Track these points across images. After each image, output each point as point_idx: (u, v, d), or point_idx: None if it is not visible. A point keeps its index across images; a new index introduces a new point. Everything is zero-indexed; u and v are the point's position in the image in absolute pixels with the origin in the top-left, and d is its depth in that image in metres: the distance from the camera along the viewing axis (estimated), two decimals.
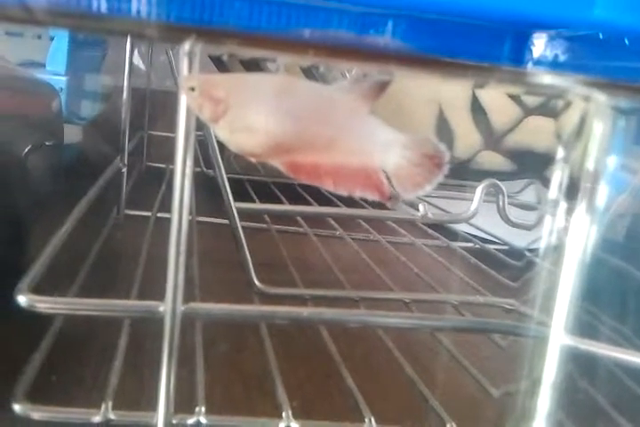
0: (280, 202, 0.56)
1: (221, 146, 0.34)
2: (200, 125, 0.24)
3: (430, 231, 0.55)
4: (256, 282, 0.37)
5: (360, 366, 0.31)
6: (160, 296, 0.22)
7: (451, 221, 0.44)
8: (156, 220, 0.48)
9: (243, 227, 0.36)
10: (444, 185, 0.60)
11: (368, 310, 0.32)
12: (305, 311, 0.26)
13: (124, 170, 0.52)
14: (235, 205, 0.36)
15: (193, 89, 0.19)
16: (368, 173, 0.19)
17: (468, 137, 0.58)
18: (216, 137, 0.29)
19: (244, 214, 0.37)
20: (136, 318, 0.26)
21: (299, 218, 0.52)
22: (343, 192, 0.20)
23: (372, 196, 0.20)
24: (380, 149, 0.19)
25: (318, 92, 0.20)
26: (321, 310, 0.27)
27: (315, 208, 0.47)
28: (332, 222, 0.53)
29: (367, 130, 0.20)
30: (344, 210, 0.44)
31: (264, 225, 0.51)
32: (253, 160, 0.20)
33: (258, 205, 0.43)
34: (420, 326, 0.28)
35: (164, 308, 0.21)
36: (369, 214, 0.44)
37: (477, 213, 0.38)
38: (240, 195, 0.37)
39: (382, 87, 0.20)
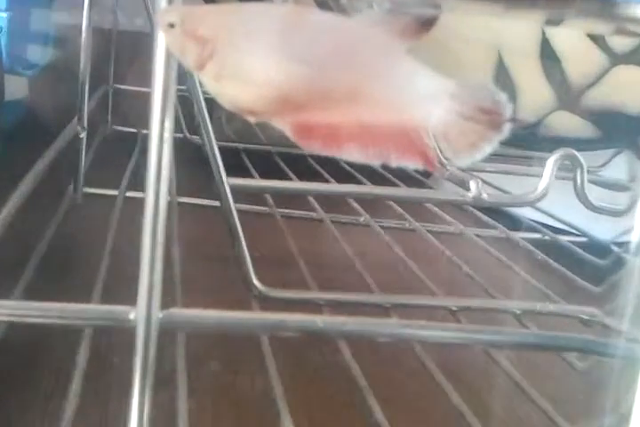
0: (287, 178, 0.56)
1: (211, 105, 0.33)
2: (182, 78, 0.24)
3: (485, 218, 0.54)
4: (255, 282, 0.36)
5: (392, 393, 0.31)
6: (131, 300, 0.22)
7: (512, 205, 0.43)
8: (125, 200, 0.48)
9: (239, 210, 0.36)
10: (505, 157, 0.61)
11: (402, 321, 0.32)
12: (319, 321, 0.26)
13: (83, 135, 0.52)
14: (228, 182, 0.35)
15: (173, 25, 0.19)
16: (407, 132, 0.19)
17: (535, 93, 0.57)
18: (203, 90, 0.30)
19: (241, 194, 0.37)
20: (100, 327, 0.26)
21: (311, 199, 0.52)
22: (373, 160, 0.20)
23: (413, 163, 0.20)
24: (423, 101, 0.19)
25: (338, 28, 0.20)
26: (340, 319, 0.27)
27: (332, 186, 0.46)
28: (355, 205, 0.52)
29: (404, 76, 0.19)
30: (371, 189, 0.43)
31: (266, 208, 0.51)
32: (252, 120, 0.20)
33: (258, 182, 0.42)
34: (471, 342, 0.28)
35: (136, 315, 0.22)
36: (404, 195, 0.42)
37: (547, 194, 0.37)
38: (235, 169, 0.38)
39: (426, 24, 0.20)
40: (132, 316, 0.22)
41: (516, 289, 0.41)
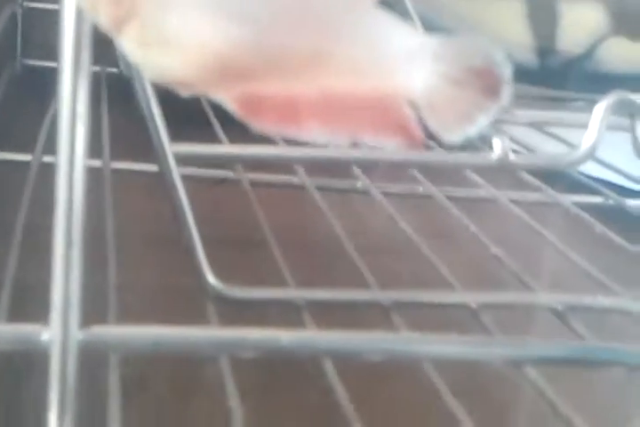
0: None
1: None
2: None
3: (526, 177, 0.48)
4: (210, 279, 0.35)
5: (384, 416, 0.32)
6: (42, 315, 0.22)
7: (549, 168, 0.41)
8: (42, 168, 0.45)
9: (190, 177, 0.35)
10: (540, 101, 0.57)
11: (399, 335, 0.31)
12: (291, 335, 0.26)
13: None
14: (170, 149, 0.32)
15: None
16: (383, 104, 0.20)
17: (582, 14, 0.56)
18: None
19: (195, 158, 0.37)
20: (3, 351, 0.25)
21: None
22: (341, 140, 0.20)
23: (392, 140, 0.20)
24: (400, 64, 0.20)
25: None
26: (322, 334, 0.27)
27: (320, 151, 0.42)
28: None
29: (375, 33, 0.20)
30: (373, 153, 0.41)
31: (229, 172, 0.48)
32: (184, 93, 0.20)
33: (218, 148, 0.40)
34: (494, 358, 0.27)
35: (50, 335, 0.21)
36: (405, 158, 0.42)
37: (596, 151, 0.36)
38: (185, 119, 0.37)
39: None
40: (44, 336, 0.22)
41: (560, 275, 0.39)
